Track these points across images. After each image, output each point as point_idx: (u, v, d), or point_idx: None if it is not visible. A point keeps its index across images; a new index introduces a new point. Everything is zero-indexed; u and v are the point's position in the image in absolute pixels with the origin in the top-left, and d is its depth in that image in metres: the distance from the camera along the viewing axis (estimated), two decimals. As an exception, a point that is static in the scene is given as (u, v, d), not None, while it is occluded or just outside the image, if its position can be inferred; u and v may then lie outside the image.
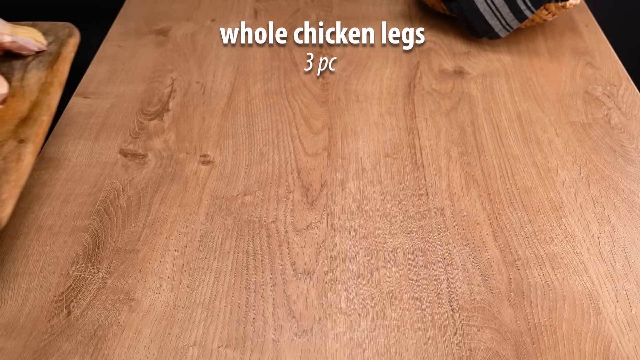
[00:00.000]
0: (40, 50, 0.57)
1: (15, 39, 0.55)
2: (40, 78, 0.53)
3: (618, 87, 0.70)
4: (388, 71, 0.72)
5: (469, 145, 0.62)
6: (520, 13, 0.74)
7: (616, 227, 0.54)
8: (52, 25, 0.60)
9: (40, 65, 0.55)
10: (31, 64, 0.55)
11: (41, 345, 0.44)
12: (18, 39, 0.56)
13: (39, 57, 0.56)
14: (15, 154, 0.46)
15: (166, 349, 0.44)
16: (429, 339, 0.45)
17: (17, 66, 0.55)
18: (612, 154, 0.61)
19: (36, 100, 0.51)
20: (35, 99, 0.51)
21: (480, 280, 0.49)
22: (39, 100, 0.51)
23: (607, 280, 0.49)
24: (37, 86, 0.53)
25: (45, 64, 0.55)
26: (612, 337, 0.45)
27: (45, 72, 0.54)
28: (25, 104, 0.51)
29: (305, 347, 0.44)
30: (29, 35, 0.57)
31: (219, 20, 0.82)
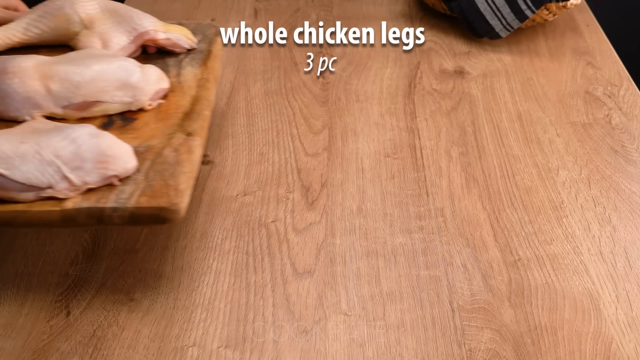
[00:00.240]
0: (191, 47, 0.58)
1: (169, 36, 0.57)
2: (196, 74, 0.54)
3: (619, 87, 0.70)
4: (388, 71, 0.72)
5: (470, 145, 0.62)
6: (521, 13, 0.73)
7: (617, 227, 0.54)
8: (198, 25, 0.61)
9: (194, 62, 0.56)
10: (184, 60, 0.56)
11: (40, 345, 0.44)
12: (172, 36, 0.57)
13: (190, 55, 0.57)
14: (185, 147, 0.47)
15: (165, 350, 0.44)
16: (429, 340, 0.45)
17: (171, 63, 0.56)
18: (613, 155, 0.61)
19: (196, 95, 0.52)
20: (195, 94, 0.52)
21: (481, 281, 0.49)
22: (199, 95, 0.52)
23: (607, 280, 0.49)
24: (194, 82, 0.54)
25: (198, 61, 0.56)
26: (613, 337, 0.45)
27: (199, 68, 0.55)
28: (186, 98, 0.52)
29: (305, 347, 0.44)
30: (181, 33, 0.58)
31: (219, 19, 0.82)
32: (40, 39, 0.57)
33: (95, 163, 0.43)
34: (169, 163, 0.45)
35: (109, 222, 0.43)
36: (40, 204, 0.42)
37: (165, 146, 0.47)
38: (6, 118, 0.50)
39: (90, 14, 0.56)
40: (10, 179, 0.42)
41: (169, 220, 0.43)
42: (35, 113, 0.49)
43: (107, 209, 0.42)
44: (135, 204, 0.42)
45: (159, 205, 0.42)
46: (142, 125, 0.49)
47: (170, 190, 0.43)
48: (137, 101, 0.51)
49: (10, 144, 0.43)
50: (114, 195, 0.43)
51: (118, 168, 0.44)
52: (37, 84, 0.49)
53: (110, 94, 0.50)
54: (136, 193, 0.43)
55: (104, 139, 0.44)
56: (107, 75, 0.50)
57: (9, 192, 0.42)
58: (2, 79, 0.49)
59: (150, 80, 0.51)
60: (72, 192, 0.43)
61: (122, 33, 0.56)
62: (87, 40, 0.55)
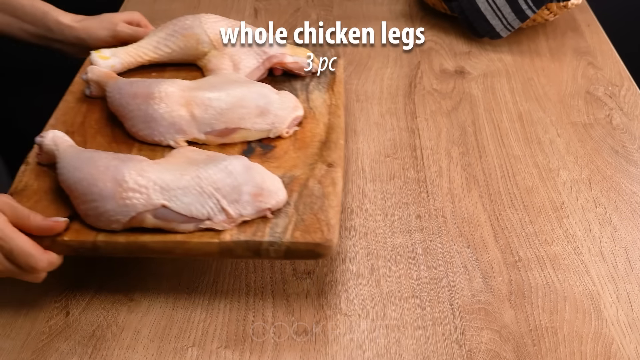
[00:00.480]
0: (315, 71, 0.59)
1: (297, 59, 0.58)
2: (325, 100, 0.55)
3: (620, 87, 0.70)
4: (389, 71, 0.72)
5: (470, 145, 0.62)
6: (522, 13, 0.73)
7: (618, 228, 0.53)
8: (316, 47, 0.62)
9: (320, 86, 0.57)
10: (310, 84, 0.57)
11: (39, 345, 0.44)
12: (299, 60, 0.58)
13: (315, 78, 0.58)
14: (328, 178, 0.47)
15: (165, 350, 0.44)
16: (429, 340, 0.45)
17: (298, 87, 0.57)
18: (614, 155, 0.61)
19: (329, 123, 0.53)
20: (328, 122, 0.53)
21: (481, 281, 0.49)
22: (332, 123, 0.53)
23: (608, 281, 0.49)
24: (324, 108, 0.54)
25: (325, 86, 0.57)
26: (614, 338, 0.45)
27: (327, 93, 0.56)
28: (320, 126, 0.53)
29: (305, 348, 0.44)
30: (307, 56, 0.58)
31: (219, 19, 0.82)
32: (169, 58, 0.59)
33: (251, 196, 0.44)
34: (316, 196, 0.46)
35: (266, 256, 0.44)
36: (199, 235, 0.43)
37: (308, 177, 0.48)
38: (150, 142, 0.51)
39: (218, 34, 0.57)
40: (173, 211, 0.43)
41: (322, 255, 0.44)
42: (178, 138, 0.50)
43: (264, 243, 0.43)
44: (291, 239, 0.43)
45: (314, 241, 0.43)
46: (282, 154, 0.50)
47: (322, 225, 0.44)
48: (276, 128, 0.51)
49: (171, 176, 0.43)
50: (269, 229, 0.44)
51: (272, 201, 0.44)
52: (182, 109, 0.50)
53: (251, 121, 0.50)
54: (290, 227, 0.44)
55: (259, 172, 0.45)
56: (248, 102, 0.51)
57: (170, 223, 0.43)
58: (149, 103, 0.50)
59: (288, 107, 0.52)
60: (229, 225, 0.44)
61: (251, 56, 0.57)
62: (218, 61, 0.56)
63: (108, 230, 0.43)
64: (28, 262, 0.42)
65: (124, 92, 0.51)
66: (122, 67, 0.58)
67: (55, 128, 0.52)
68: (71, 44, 0.61)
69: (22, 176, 0.49)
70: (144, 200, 0.42)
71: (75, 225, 0.44)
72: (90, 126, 0.53)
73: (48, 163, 0.49)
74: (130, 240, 0.43)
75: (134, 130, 0.51)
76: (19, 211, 0.42)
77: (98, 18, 0.61)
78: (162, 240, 0.43)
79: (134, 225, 0.43)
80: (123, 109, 0.51)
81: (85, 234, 0.44)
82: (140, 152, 0.51)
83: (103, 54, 0.57)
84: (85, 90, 0.56)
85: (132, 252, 0.44)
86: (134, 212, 0.42)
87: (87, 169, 0.43)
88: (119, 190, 0.42)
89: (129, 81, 0.53)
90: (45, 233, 0.43)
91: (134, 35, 0.61)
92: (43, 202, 0.46)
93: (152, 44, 0.58)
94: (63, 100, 0.56)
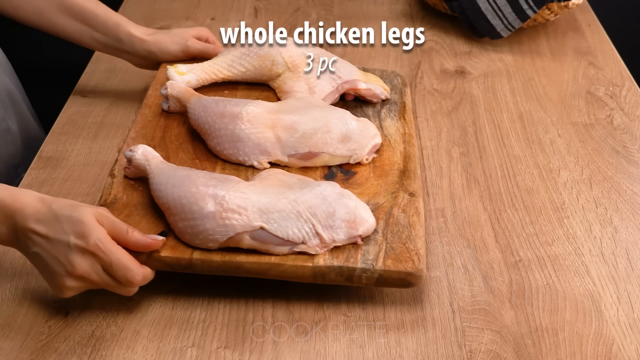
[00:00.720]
0: (385, 98, 0.59)
1: (370, 86, 0.58)
2: (398, 128, 0.56)
3: (621, 87, 0.70)
4: (389, 71, 0.72)
5: (471, 145, 0.62)
6: (523, 12, 0.73)
7: (618, 228, 0.53)
8: (384, 73, 0.63)
9: (391, 114, 0.58)
10: (382, 112, 0.58)
11: (39, 345, 0.44)
12: (372, 87, 0.58)
13: (385, 105, 0.59)
14: (412, 208, 0.49)
15: (164, 350, 0.44)
16: (430, 341, 0.44)
17: (370, 113, 0.58)
18: (615, 155, 0.61)
19: (405, 152, 0.54)
20: (404, 150, 0.54)
21: (481, 282, 0.48)
22: (408, 152, 0.54)
23: (609, 282, 0.49)
24: (398, 136, 0.55)
25: (396, 113, 0.58)
26: (614, 339, 0.45)
27: (399, 122, 0.57)
28: (397, 154, 0.54)
29: (305, 348, 0.44)
30: (378, 83, 0.59)
31: (219, 18, 0.82)
32: (243, 77, 0.60)
33: (344, 222, 0.45)
34: (402, 224, 0.47)
35: (357, 282, 0.45)
36: (293, 258, 0.45)
37: (392, 205, 0.49)
38: (233, 161, 0.52)
39: (293, 57, 0.58)
40: (270, 233, 0.44)
41: (412, 284, 0.45)
42: (262, 159, 0.51)
43: (357, 270, 0.44)
44: (383, 267, 0.44)
45: (405, 270, 0.44)
46: (364, 181, 0.51)
47: (412, 254, 0.45)
48: (356, 155, 0.52)
49: (269, 199, 0.44)
50: (360, 256, 0.45)
51: (363, 228, 0.45)
52: (268, 131, 0.51)
53: (333, 146, 0.51)
54: (380, 255, 0.45)
55: (352, 199, 0.46)
56: (331, 127, 0.51)
57: (266, 244, 0.44)
58: (236, 123, 0.51)
59: (368, 134, 0.53)
60: (321, 249, 0.45)
61: (326, 80, 0.57)
62: (294, 84, 0.57)
63: (203, 248, 0.44)
64: (125, 276, 0.43)
65: (210, 111, 0.52)
66: (197, 83, 0.59)
67: (136, 141, 0.53)
68: (140, 56, 0.62)
69: (109, 189, 0.49)
70: (243, 222, 0.43)
71: (170, 242, 0.45)
72: (171, 141, 0.54)
73: (135, 177, 0.50)
74: (226, 260, 0.44)
75: (219, 148, 0.52)
76: (117, 225, 0.43)
77: (169, 33, 0.62)
78: (257, 261, 0.44)
79: (230, 245, 0.44)
80: (209, 127, 0.52)
81: (181, 250, 0.45)
82: (223, 170, 0.52)
83: (180, 70, 0.58)
84: (163, 105, 0.57)
85: (226, 271, 0.45)
86: (232, 233, 0.43)
87: (186, 188, 0.44)
88: (219, 211, 0.43)
89: (213, 99, 0.54)
90: (143, 249, 0.44)
91: (203, 51, 0.62)
92: (134, 217, 0.47)
93: (227, 62, 0.59)
94: (141, 114, 0.57)
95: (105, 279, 0.43)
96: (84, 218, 0.42)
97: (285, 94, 0.58)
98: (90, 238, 0.41)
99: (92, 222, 0.42)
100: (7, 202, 0.42)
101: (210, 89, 0.60)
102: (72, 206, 0.43)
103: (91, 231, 0.41)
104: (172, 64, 0.60)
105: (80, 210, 0.42)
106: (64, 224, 0.42)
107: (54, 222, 0.42)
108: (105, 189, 0.49)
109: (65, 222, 0.42)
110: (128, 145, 0.53)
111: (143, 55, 0.62)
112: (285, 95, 0.58)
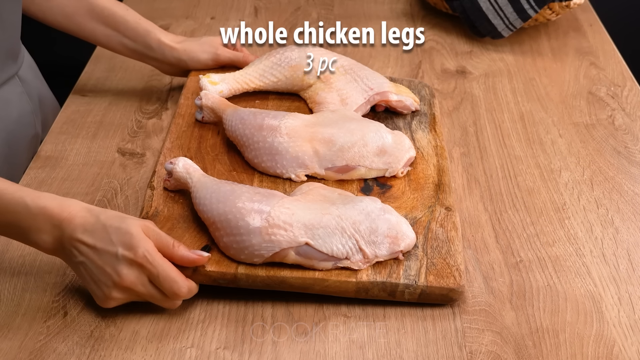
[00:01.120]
0: (415, 109, 0.59)
1: (401, 98, 0.58)
2: (430, 140, 0.56)
3: (622, 87, 0.70)
4: (389, 70, 0.72)
5: (471, 145, 0.62)
6: (524, 12, 0.73)
7: (620, 229, 0.53)
8: (411, 83, 0.63)
9: (421, 125, 0.58)
10: (412, 124, 0.58)
11: (37, 346, 0.44)
12: (403, 98, 0.58)
13: (416, 117, 0.59)
14: (450, 222, 0.49)
15: (164, 351, 0.44)
16: (430, 342, 0.44)
17: (401, 125, 0.58)
18: (616, 156, 0.60)
19: (438, 165, 0.54)
20: (437, 164, 0.54)
21: (482, 283, 0.48)
22: (441, 165, 0.54)
23: (610, 283, 0.48)
24: (430, 149, 0.56)
25: (426, 125, 0.58)
26: (615, 340, 0.44)
27: (430, 134, 0.57)
28: (430, 167, 0.54)
29: (305, 349, 0.44)
30: (409, 95, 0.59)
31: (219, 18, 0.81)
32: (274, 87, 0.60)
33: (386, 238, 0.45)
34: (441, 240, 0.48)
35: (400, 297, 0.46)
36: (336, 273, 0.45)
37: (429, 220, 0.49)
38: (271, 173, 0.52)
39: None
40: (315, 249, 0.44)
41: (454, 300, 0.46)
42: (299, 172, 0.51)
43: (400, 285, 0.45)
44: (425, 283, 0.45)
45: (448, 286, 0.45)
46: (400, 194, 0.51)
47: (453, 270, 0.46)
48: (392, 168, 0.52)
49: (313, 214, 0.44)
50: (402, 271, 0.46)
51: (404, 244, 0.46)
52: (306, 144, 0.51)
53: (369, 159, 0.52)
54: (422, 271, 0.46)
55: (393, 215, 0.46)
56: (368, 140, 0.52)
57: (311, 260, 0.44)
58: (274, 136, 0.51)
59: (403, 147, 0.53)
60: (364, 264, 0.45)
61: (358, 92, 0.57)
62: (327, 95, 0.57)
63: (248, 263, 0.45)
64: (172, 289, 0.43)
65: (248, 123, 0.52)
66: (229, 93, 0.59)
67: (173, 152, 0.54)
68: (169, 63, 0.62)
69: (150, 201, 0.50)
70: (289, 238, 0.44)
71: (215, 256, 0.45)
72: (207, 152, 0.55)
73: (176, 189, 0.50)
74: (271, 275, 0.45)
75: (257, 161, 0.52)
76: (163, 238, 0.43)
77: (198, 41, 0.62)
78: (301, 276, 0.45)
79: (275, 260, 0.45)
80: (247, 140, 0.52)
81: (226, 265, 0.45)
82: (261, 183, 0.52)
83: (212, 79, 0.59)
84: (197, 115, 0.57)
85: (270, 286, 0.45)
86: (278, 248, 0.44)
87: (231, 203, 0.44)
88: (266, 227, 0.43)
89: (250, 111, 0.54)
90: (189, 265, 0.44)
91: (233, 60, 0.62)
92: (177, 230, 0.47)
93: (259, 72, 0.59)
94: (174, 124, 0.57)
95: (150, 291, 0.43)
96: (132, 230, 0.42)
97: (318, 105, 0.58)
98: (139, 249, 0.42)
99: (140, 234, 0.42)
100: (55, 212, 0.42)
101: (242, 98, 0.60)
102: (120, 218, 0.43)
103: (139, 243, 0.42)
104: (203, 73, 0.60)
105: (128, 222, 0.42)
106: (112, 235, 0.42)
107: (102, 233, 0.42)
108: (146, 202, 0.50)
109: (113, 233, 0.42)
110: (165, 157, 0.53)
111: (172, 63, 0.62)
112: (318, 106, 0.58)
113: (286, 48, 0.60)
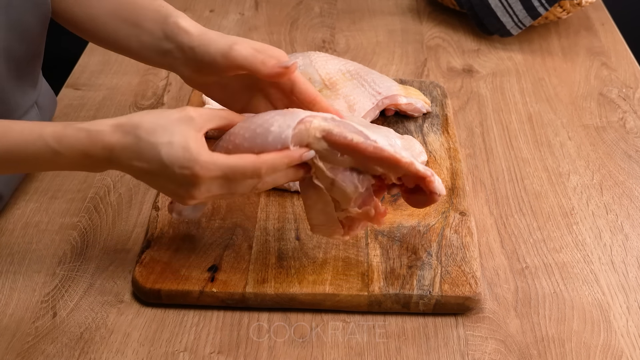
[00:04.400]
0: (427, 112, 0.58)
1: (411, 100, 0.57)
2: (442, 143, 0.55)
3: (634, 89, 0.68)
4: (394, 68, 0.70)
5: (477, 147, 0.60)
6: (534, 10, 0.71)
7: (629, 236, 0.52)
8: (422, 84, 0.62)
9: (433, 128, 0.57)
10: (424, 126, 0.57)
11: (25, 347, 0.43)
12: (413, 101, 0.57)
13: (427, 119, 0.58)
14: (464, 228, 0.48)
15: (156, 354, 0.43)
16: (431, 349, 0.43)
17: (412, 128, 0.57)
18: (627, 160, 0.59)
19: (451, 168, 0.53)
20: (450, 167, 0.53)
21: (486, 289, 0.47)
22: (455, 168, 0.53)
23: (618, 291, 0.47)
24: (443, 152, 0.55)
25: (438, 127, 0.57)
26: (623, 351, 0.43)
27: (442, 136, 0.56)
28: (443, 171, 0.53)
29: (302, 354, 0.43)
30: (419, 97, 0.58)
31: (218, 10, 0.80)
32: None
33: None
34: (455, 246, 0.47)
35: (414, 309, 0.45)
36: (347, 287, 0.45)
37: (443, 226, 0.48)
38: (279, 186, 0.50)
39: (330, 74, 0.57)
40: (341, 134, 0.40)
41: (469, 309, 0.45)
42: None
43: (414, 296, 0.44)
44: (440, 292, 0.44)
45: (463, 294, 0.44)
46: None
47: (469, 278, 0.45)
48: None
49: None
50: (415, 281, 0.45)
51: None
52: None
53: None
54: (436, 280, 0.45)
55: None
56: None
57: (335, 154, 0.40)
58: None
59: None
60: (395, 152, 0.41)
61: (366, 97, 0.56)
62: (334, 102, 0.55)
63: None
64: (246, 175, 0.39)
65: None
66: None
67: None
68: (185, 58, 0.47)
69: (155, 222, 0.49)
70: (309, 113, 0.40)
71: (222, 277, 0.45)
72: None
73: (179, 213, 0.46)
74: (279, 292, 0.44)
75: None
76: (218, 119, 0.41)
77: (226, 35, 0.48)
78: (311, 292, 0.44)
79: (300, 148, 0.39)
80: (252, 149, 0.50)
81: (233, 285, 0.45)
82: (268, 197, 0.51)
83: None
84: None
85: (280, 304, 0.45)
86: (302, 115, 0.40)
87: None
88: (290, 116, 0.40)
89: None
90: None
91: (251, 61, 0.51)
92: (183, 251, 0.47)
93: None
94: None
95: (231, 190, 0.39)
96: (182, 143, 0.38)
97: None
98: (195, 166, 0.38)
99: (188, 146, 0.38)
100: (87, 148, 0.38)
101: None
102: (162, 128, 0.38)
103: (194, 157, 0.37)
104: None
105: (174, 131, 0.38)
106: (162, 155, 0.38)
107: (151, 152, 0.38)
108: (151, 223, 0.49)
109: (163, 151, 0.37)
110: None
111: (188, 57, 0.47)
112: None
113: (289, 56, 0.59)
